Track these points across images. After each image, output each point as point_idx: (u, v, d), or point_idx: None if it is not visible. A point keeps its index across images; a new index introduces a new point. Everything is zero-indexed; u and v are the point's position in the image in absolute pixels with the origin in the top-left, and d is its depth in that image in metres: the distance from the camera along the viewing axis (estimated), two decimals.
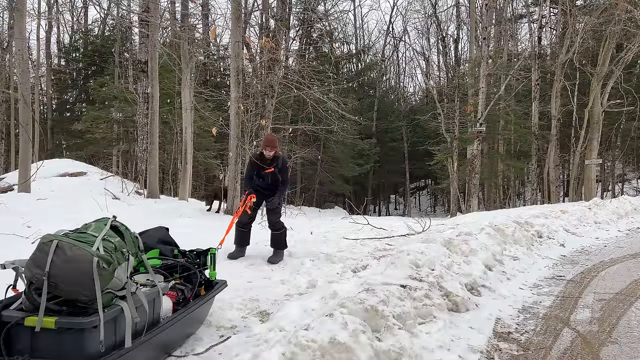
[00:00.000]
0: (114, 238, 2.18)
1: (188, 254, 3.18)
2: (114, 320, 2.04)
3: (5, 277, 2.37)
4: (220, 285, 3.09)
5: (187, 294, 2.75)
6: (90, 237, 2.08)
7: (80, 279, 1.95)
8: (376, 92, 29.40)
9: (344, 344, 2.20)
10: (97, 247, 2.03)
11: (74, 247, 1.98)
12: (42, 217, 6.37)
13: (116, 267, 2.07)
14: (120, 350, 2.01)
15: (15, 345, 1.96)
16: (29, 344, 1.94)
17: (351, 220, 8.66)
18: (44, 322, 1.88)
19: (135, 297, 2.17)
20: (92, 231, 2.15)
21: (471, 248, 4.50)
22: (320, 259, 4.94)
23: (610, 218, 8.69)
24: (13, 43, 13.82)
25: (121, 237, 2.24)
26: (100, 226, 2.21)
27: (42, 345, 1.93)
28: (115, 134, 17.19)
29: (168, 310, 2.48)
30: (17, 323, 1.94)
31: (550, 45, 22.25)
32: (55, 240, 1.98)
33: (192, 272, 2.91)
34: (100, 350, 1.93)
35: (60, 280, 1.94)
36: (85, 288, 1.95)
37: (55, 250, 1.96)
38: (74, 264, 1.95)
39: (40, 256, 1.97)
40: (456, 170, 18.41)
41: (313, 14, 18.24)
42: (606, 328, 3.02)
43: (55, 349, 1.92)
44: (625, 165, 25.04)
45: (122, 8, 18.34)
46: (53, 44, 26.00)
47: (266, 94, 11.31)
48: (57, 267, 1.94)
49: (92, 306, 1.97)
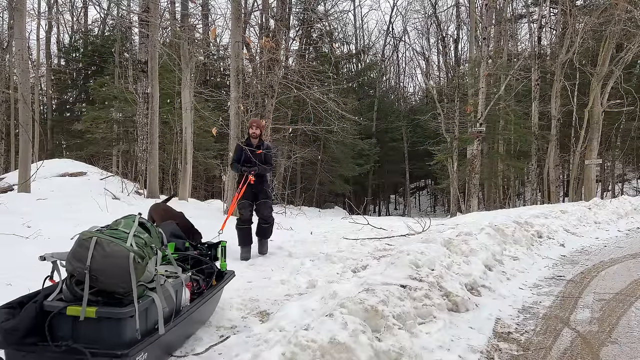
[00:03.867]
0: (143, 234, 2.33)
1: (200, 247, 3.37)
2: (146, 309, 2.22)
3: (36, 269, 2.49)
4: (229, 275, 3.26)
5: (202, 284, 2.94)
6: (122, 234, 2.23)
7: (118, 273, 2.11)
8: (376, 92, 29.38)
9: (344, 344, 2.20)
10: (130, 243, 2.18)
11: (111, 243, 2.14)
12: (42, 217, 6.37)
13: (148, 261, 2.26)
14: (153, 336, 2.19)
15: (56, 332, 2.08)
16: (70, 331, 2.09)
17: (351, 220, 8.67)
18: (87, 312, 2.05)
19: (163, 288, 2.36)
20: (122, 228, 2.29)
21: (471, 248, 4.50)
22: (320, 259, 4.94)
23: (610, 218, 8.69)
24: (13, 43, 13.81)
25: (148, 232, 2.40)
26: (129, 223, 2.35)
27: (83, 332, 2.08)
28: (115, 134, 17.18)
29: (186, 300, 2.65)
30: (59, 312, 2.08)
31: (550, 45, 22.25)
32: (94, 236, 2.14)
33: (207, 264, 3.12)
34: (137, 337, 2.10)
35: (100, 274, 2.10)
36: (122, 281, 2.11)
37: (94, 246, 2.11)
38: (113, 259, 2.11)
39: (80, 251, 2.12)
40: (456, 170, 18.41)
41: (313, 14, 18.23)
42: (606, 328, 3.02)
43: (95, 336, 2.08)
44: (625, 165, 25.04)
45: (122, 8, 18.36)
46: (53, 44, 26.00)
47: (266, 94, 11.32)
48: (97, 262, 2.10)
49: (127, 297, 2.14)
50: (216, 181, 19.66)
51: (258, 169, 5.08)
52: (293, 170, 20.15)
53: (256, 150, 5.13)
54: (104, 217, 7.07)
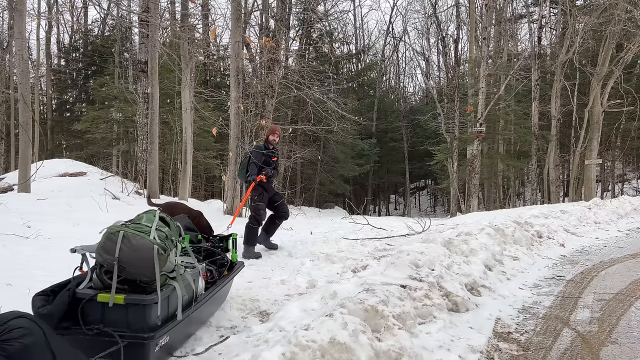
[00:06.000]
0: (164, 228, 2.52)
1: (212, 239, 3.59)
2: (168, 297, 2.41)
3: None
4: (239, 266, 3.46)
5: (215, 274, 3.14)
6: (145, 228, 2.40)
7: (144, 264, 2.31)
8: (376, 92, 29.37)
9: (344, 344, 2.20)
10: (153, 237, 2.36)
11: (137, 236, 2.32)
12: (42, 217, 6.37)
13: (169, 252, 2.44)
14: (172, 322, 2.38)
15: (87, 317, 2.28)
16: (100, 316, 2.28)
17: (351, 220, 8.66)
18: (115, 299, 2.25)
19: (183, 277, 2.56)
20: (145, 222, 2.46)
21: (471, 248, 4.50)
22: (320, 259, 4.94)
23: (610, 218, 8.69)
24: (13, 43, 13.81)
25: (168, 226, 2.58)
26: (150, 217, 2.52)
27: (111, 317, 2.27)
28: (115, 134, 17.19)
29: (201, 288, 2.82)
30: (91, 299, 2.28)
31: (550, 45, 22.25)
32: (121, 230, 2.32)
33: (220, 256, 3.36)
34: (157, 323, 2.29)
35: (127, 264, 2.30)
36: (147, 271, 2.31)
37: (122, 240, 2.30)
38: (139, 251, 2.30)
39: (109, 244, 2.31)
40: (456, 170, 18.41)
41: (313, 14, 18.21)
42: (606, 328, 3.02)
43: (122, 321, 2.27)
44: (625, 165, 25.03)
45: (122, 8, 18.33)
46: (53, 44, 26.03)
47: (266, 94, 11.31)
48: (124, 254, 2.29)
49: (150, 285, 2.34)
50: (216, 181, 19.65)
51: (271, 173, 5.45)
52: (293, 170, 20.13)
53: (274, 155, 5.53)
54: (104, 217, 7.07)
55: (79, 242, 4.20)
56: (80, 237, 4.69)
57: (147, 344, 2.20)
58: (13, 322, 1.70)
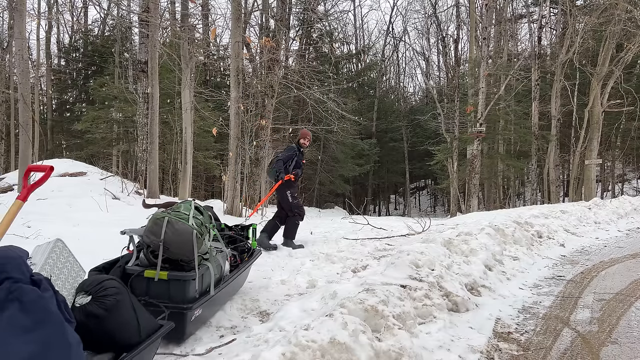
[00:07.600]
0: (199, 216, 2.91)
1: (234, 228, 3.97)
2: (202, 275, 2.79)
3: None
4: (257, 252, 3.91)
5: (237, 259, 3.61)
6: (184, 215, 2.80)
7: (185, 245, 2.70)
8: (376, 92, 29.36)
9: (344, 344, 2.20)
10: (191, 223, 2.75)
11: (179, 222, 2.72)
12: (42, 217, 6.36)
13: (205, 237, 2.84)
14: (207, 296, 2.79)
15: (134, 290, 2.62)
16: (145, 289, 2.66)
17: (351, 220, 8.66)
18: (160, 275, 2.64)
19: (215, 259, 2.99)
20: (183, 210, 2.85)
21: (471, 248, 4.50)
22: (320, 259, 4.94)
23: (610, 218, 8.69)
24: (13, 43, 13.80)
25: (202, 214, 2.95)
26: (187, 206, 2.91)
27: (155, 290, 2.65)
28: (115, 134, 17.18)
29: (227, 270, 3.23)
30: (139, 274, 2.68)
31: (550, 45, 22.27)
32: (166, 217, 2.73)
33: (243, 242, 3.82)
34: (195, 296, 2.69)
35: (171, 246, 2.68)
36: (187, 252, 2.70)
37: (166, 224, 2.69)
38: (181, 234, 2.69)
39: (155, 228, 2.71)
40: (456, 170, 18.40)
41: (313, 14, 18.22)
42: (606, 328, 3.02)
43: (165, 294, 2.64)
44: (625, 165, 25.03)
45: (122, 8, 18.32)
46: (53, 44, 26.00)
47: (266, 94, 11.31)
48: (168, 236, 2.68)
49: (188, 264, 2.71)
50: (216, 181, 19.64)
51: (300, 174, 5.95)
52: None
53: (303, 159, 6.01)
54: (104, 217, 7.08)
55: (79, 242, 4.21)
56: (81, 237, 4.69)
57: (186, 313, 2.55)
58: (107, 283, 2.07)
